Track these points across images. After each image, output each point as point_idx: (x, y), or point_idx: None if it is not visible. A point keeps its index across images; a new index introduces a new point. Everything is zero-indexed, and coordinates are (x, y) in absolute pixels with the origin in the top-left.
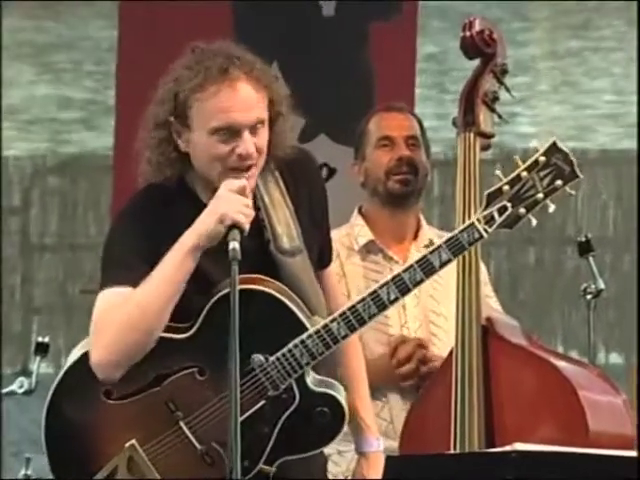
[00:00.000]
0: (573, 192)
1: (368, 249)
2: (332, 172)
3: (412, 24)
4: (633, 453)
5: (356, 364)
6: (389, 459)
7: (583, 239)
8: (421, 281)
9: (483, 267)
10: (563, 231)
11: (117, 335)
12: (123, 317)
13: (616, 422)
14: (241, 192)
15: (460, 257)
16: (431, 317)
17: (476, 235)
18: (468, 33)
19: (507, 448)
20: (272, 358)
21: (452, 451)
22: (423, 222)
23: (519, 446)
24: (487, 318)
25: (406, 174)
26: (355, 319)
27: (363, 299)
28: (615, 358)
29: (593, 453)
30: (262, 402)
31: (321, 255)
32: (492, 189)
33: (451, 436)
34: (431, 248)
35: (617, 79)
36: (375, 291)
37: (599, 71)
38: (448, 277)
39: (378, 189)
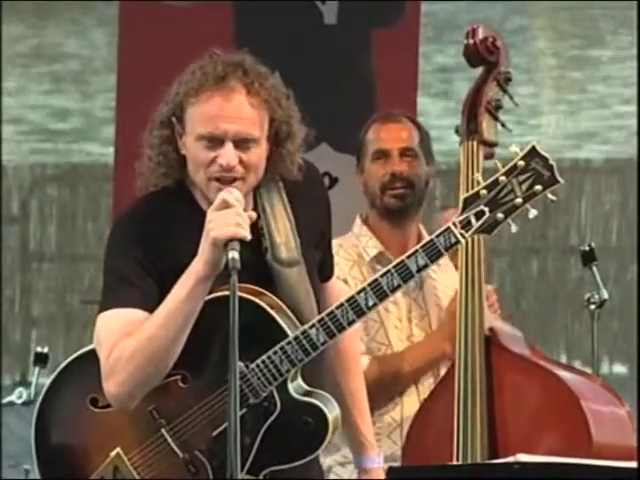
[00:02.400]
0: (554, 198)
1: (378, 260)
2: (334, 181)
3: (414, 31)
4: (636, 464)
5: (357, 382)
6: (391, 470)
7: (587, 248)
8: (398, 286)
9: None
10: (566, 241)
11: (133, 371)
12: (137, 352)
13: (620, 433)
14: (225, 205)
15: (463, 267)
16: None
17: (452, 240)
18: (471, 41)
19: (510, 459)
20: (252, 365)
21: (455, 462)
22: (424, 232)
23: (522, 457)
24: (490, 328)
25: (400, 189)
26: (334, 325)
27: (341, 305)
28: (619, 368)
29: (596, 464)
30: (243, 410)
31: (322, 268)
32: (469, 193)
33: (454, 447)
34: (408, 253)
35: (623, 88)
36: (353, 297)
37: (605, 80)
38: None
39: (376, 203)
